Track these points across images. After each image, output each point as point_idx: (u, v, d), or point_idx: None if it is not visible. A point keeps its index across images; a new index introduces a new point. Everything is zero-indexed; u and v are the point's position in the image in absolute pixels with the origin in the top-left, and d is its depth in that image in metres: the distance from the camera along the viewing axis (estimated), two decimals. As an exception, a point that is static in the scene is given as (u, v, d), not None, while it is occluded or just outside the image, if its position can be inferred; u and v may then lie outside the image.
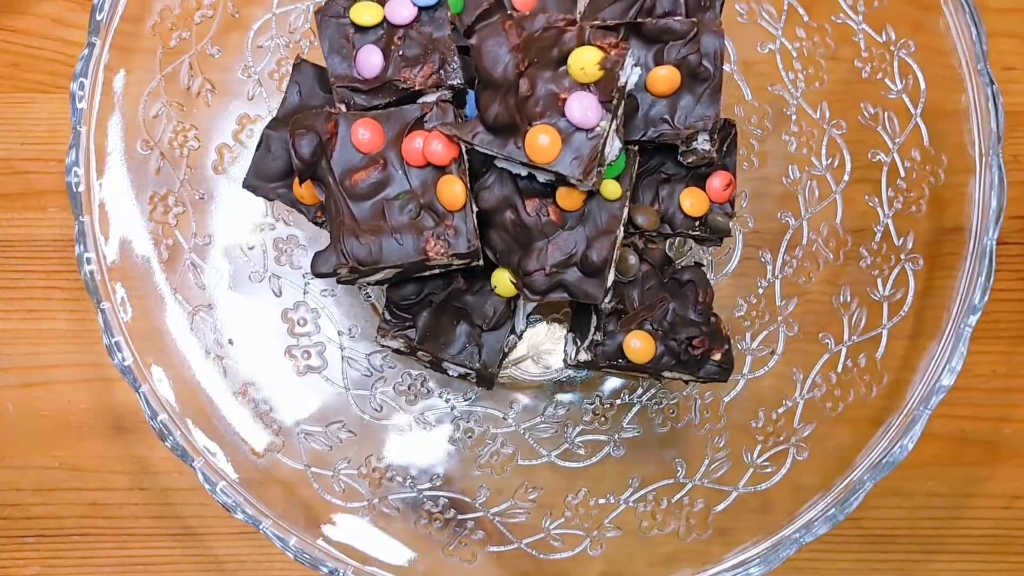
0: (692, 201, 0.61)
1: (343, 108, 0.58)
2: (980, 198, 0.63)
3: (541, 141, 0.52)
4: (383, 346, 0.61)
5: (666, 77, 0.57)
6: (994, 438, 0.74)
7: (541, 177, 0.56)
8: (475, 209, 0.57)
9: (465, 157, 0.57)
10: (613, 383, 0.67)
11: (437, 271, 0.58)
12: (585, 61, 0.52)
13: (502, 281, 0.59)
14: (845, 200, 0.66)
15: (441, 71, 0.57)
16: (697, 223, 0.61)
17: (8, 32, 0.77)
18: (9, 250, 0.74)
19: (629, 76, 0.53)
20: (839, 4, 0.66)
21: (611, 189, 0.57)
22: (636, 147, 0.59)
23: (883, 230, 0.65)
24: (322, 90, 0.62)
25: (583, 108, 0.52)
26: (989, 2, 0.80)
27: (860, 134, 0.66)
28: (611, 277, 0.57)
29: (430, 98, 0.58)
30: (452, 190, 0.55)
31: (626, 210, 0.57)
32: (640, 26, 0.57)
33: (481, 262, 0.58)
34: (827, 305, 0.66)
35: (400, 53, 0.57)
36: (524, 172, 0.56)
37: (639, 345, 0.59)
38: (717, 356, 0.60)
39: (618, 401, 0.66)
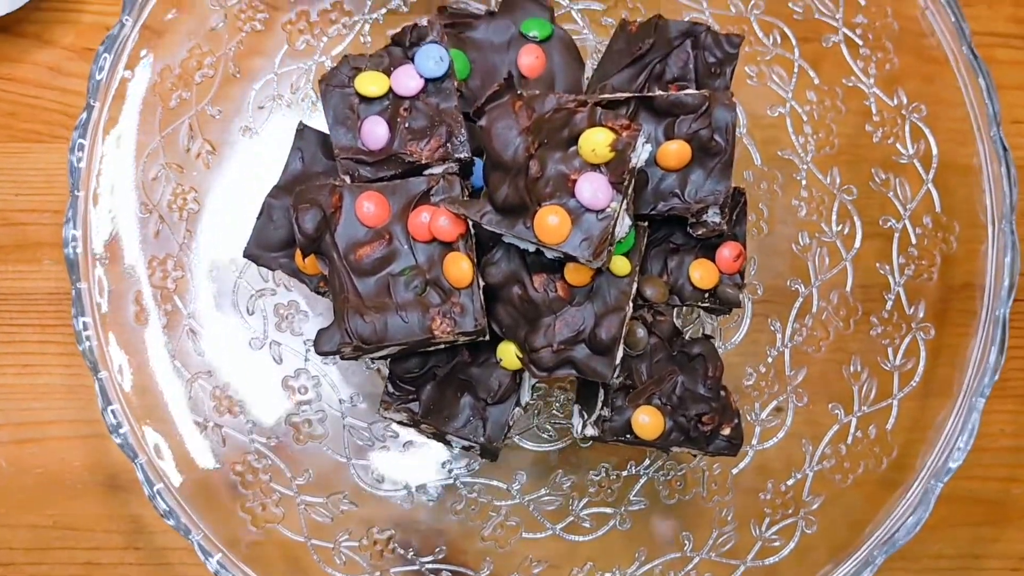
0: (702, 273, 0.60)
1: (347, 179, 0.57)
2: (993, 268, 0.62)
3: (551, 222, 0.51)
4: (386, 418, 0.60)
5: (677, 152, 0.56)
6: (1002, 498, 0.73)
7: (549, 253, 0.55)
8: (482, 285, 0.56)
9: (472, 232, 0.55)
10: (619, 453, 0.66)
11: (442, 346, 0.57)
12: (596, 143, 0.51)
13: (508, 354, 0.58)
14: (855, 267, 0.66)
15: (448, 144, 0.56)
16: (707, 295, 0.60)
17: (5, 81, 0.75)
18: (3, 303, 0.73)
19: (640, 155, 0.52)
20: (850, 67, 0.66)
21: (620, 265, 0.56)
22: (646, 222, 0.58)
23: (894, 298, 0.64)
24: (325, 156, 0.61)
25: (593, 189, 0.51)
26: (997, 54, 0.79)
27: (871, 199, 0.65)
28: (620, 354, 0.56)
29: (436, 170, 0.56)
30: (459, 267, 0.54)
31: (635, 285, 0.56)
32: (651, 100, 0.56)
33: (487, 337, 0.57)
34: (837, 374, 0.65)
35: (406, 125, 0.56)
36: (532, 248, 0.55)
37: (648, 421, 0.57)
38: (727, 431, 0.59)
39: (624, 472, 0.65)
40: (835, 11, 0.66)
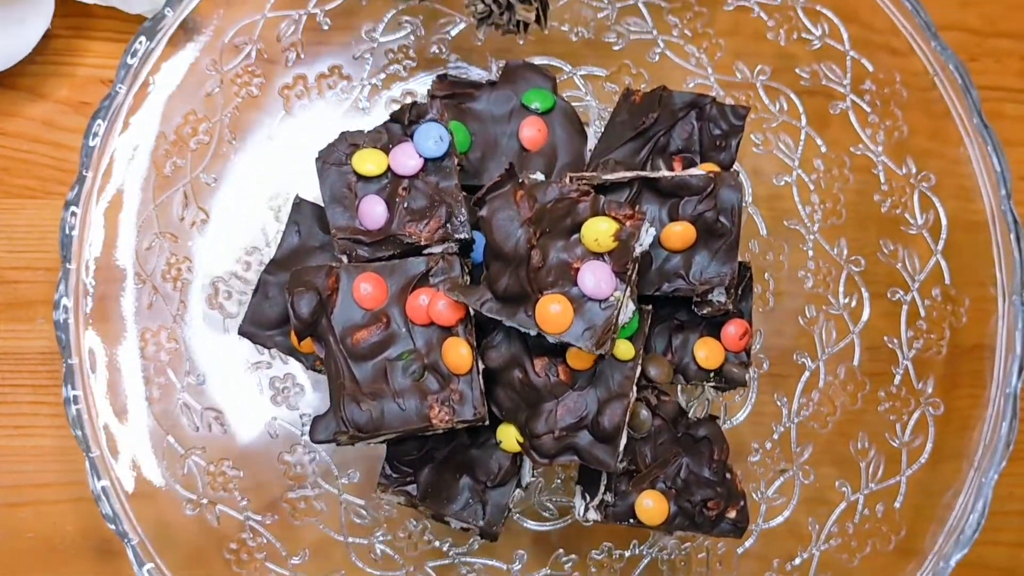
0: (707, 352, 0.59)
1: (344, 259, 0.55)
2: (1003, 343, 0.61)
3: (552, 310, 0.50)
4: (383, 499, 0.59)
5: (681, 234, 0.55)
6: (1012, 564, 0.72)
7: (551, 338, 0.53)
8: (482, 369, 0.54)
9: (472, 315, 0.54)
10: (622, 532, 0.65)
11: (441, 431, 0.56)
12: (599, 232, 0.50)
13: (508, 437, 0.57)
14: (863, 340, 0.64)
15: (448, 225, 0.55)
16: (712, 375, 0.59)
17: (-2, 135, 0.74)
18: (-6, 363, 0.72)
19: (644, 243, 0.51)
20: (858, 134, 0.64)
21: (624, 350, 0.54)
22: (650, 305, 0.57)
23: (902, 372, 0.63)
24: (321, 230, 0.60)
25: (596, 279, 0.50)
26: (1005, 109, 0.78)
27: (879, 271, 0.64)
28: (624, 441, 0.54)
29: (436, 249, 0.55)
30: (458, 353, 0.53)
31: (639, 369, 0.55)
32: (655, 181, 0.55)
33: (487, 423, 0.56)
34: (844, 451, 0.63)
35: (405, 205, 0.55)
36: (534, 332, 0.53)
37: (651, 506, 0.56)
38: (732, 514, 0.57)
39: (627, 552, 0.63)
40: (843, 77, 0.65)
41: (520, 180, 0.52)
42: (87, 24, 0.75)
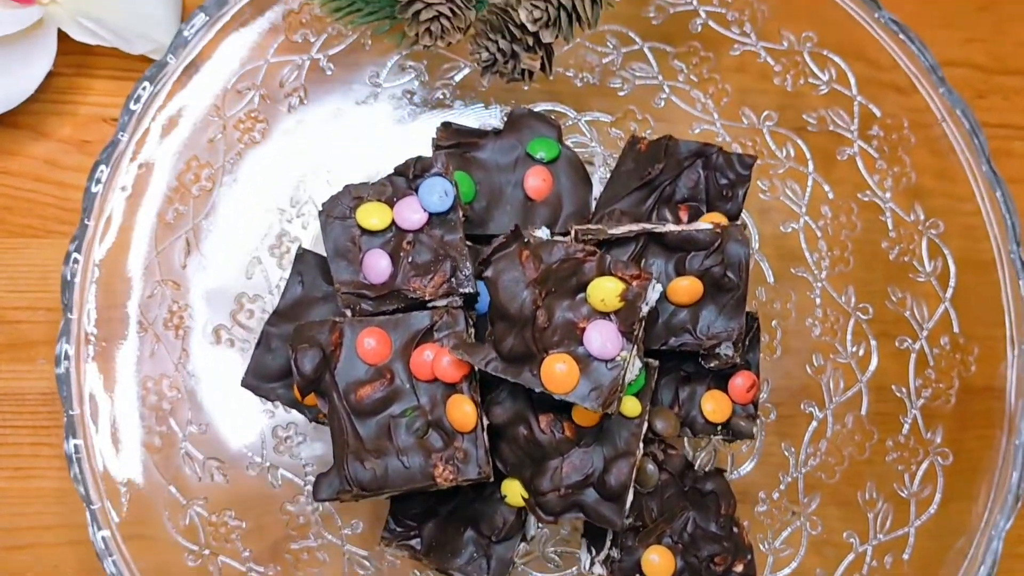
0: (714, 406, 0.58)
1: (348, 313, 0.55)
2: (1013, 392, 0.60)
3: (558, 370, 0.50)
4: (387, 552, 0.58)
5: (688, 289, 0.54)
6: (1023, 611, 0.71)
7: (557, 397, 0.53)
8: (486, 425, 0.54)
9: (476, 372, 0.54)
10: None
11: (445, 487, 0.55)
12: (605, 292, 0.49)
13: (512, 492, 0.56)
14: (871, 389, 0.64)
15: (452, 279, 0.54)
16: (719, 428, 0.59)
17: (0, 175, 0.74)
18: (-4, 404, 0.71)
19: (651, 301, 0.51)
20: (865, 180, 0.64)
21: (631, 406, 0.54)
22: (656, 360, 0.56)
23: (911, 422, 0.62)
24: (325, 281, 0.59)
25: (603, 339, 0.49)
26: (1014, 147, 0.77)
27: (887, 319, 0.64)
28: (630, 499, 0.54)
29: (440, 303, 0.55)
30: (462, 410, 0.52)
31: (645, 425, 0.55)
32: (662, 235, 0.55)
33: (492, 478, 0.55)
34: (852, 501, 0.63)
35: (409, 260, 0.54)
36: (539, 390, 0.53)
37: (658, 561, 0.56)
38: (739, 568, 0.57)
39: (632, 604, 0.63)
40: (850, 123, 0.64)
41: (526, 240, 0.52)
42: (89, 62, 0.75)
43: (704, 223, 0.55)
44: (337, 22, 0.63)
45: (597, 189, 0.62)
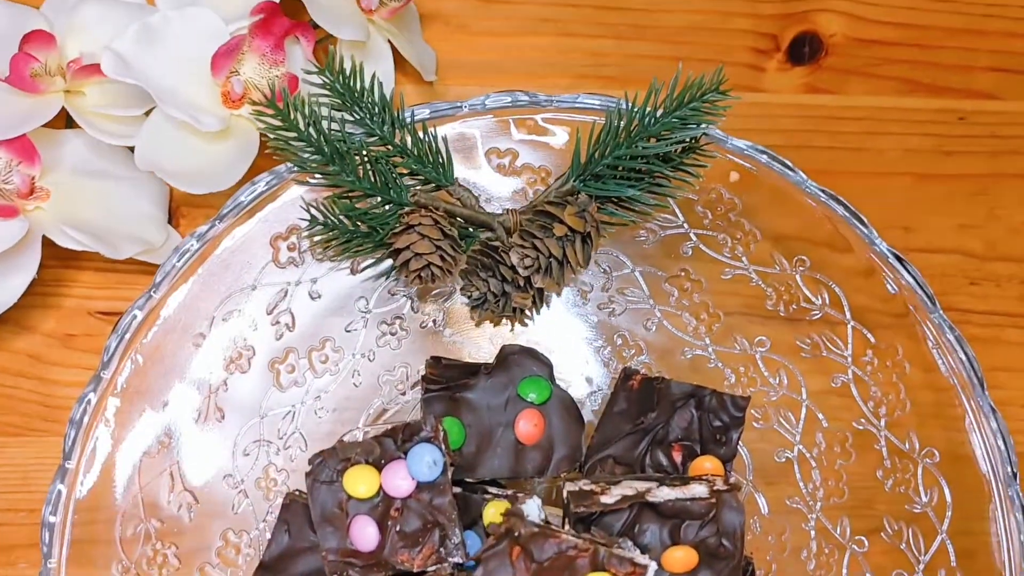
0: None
1: (335, 579, 0.54)
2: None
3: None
4: None
5: (683, 559, 0.53)
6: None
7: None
8: None
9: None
10: None
11: None
12: (600, 589, 0.48)
13: None
14: (869, 626, 0.63)
15: (442, 549, 0.53)
16: None
17: (-19, 371, 0.73)
18: (-25, 613, 0.70)
19: (646, 585, 0.50)
20: (860, 409, 0.63)
21: None
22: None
23: (912, 658, 0.62)
24: (312, 531, 0.58)
25: (597, 635, 0.48)
26: (1007, 335, 0.77)
27: (883, 552, 0.63)
28: None
29: (430, 569, 0.54)
30: None
31: None
32: (656, 506, 0.54)
33: None
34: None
35: (398, 528, 0.53)
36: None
37: None
38: None
39: None
40: (843, 349, 0.64)
41: (516, 534, 0.50)
42: (74, 254, 0.74)
43: (698, 487, 0.54)
44: (326, 258, 0.63)
45: (589, 415, 0.61)
